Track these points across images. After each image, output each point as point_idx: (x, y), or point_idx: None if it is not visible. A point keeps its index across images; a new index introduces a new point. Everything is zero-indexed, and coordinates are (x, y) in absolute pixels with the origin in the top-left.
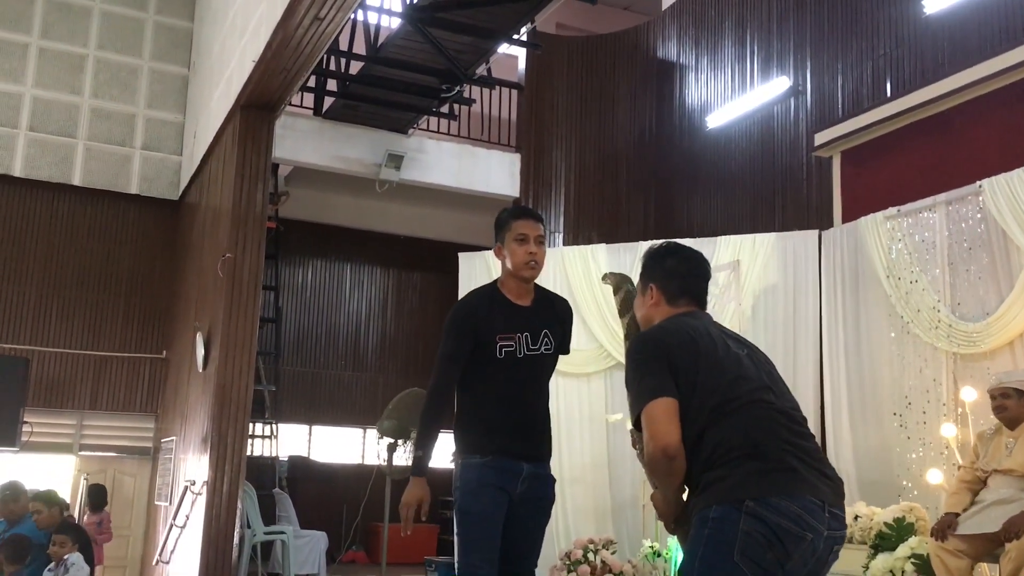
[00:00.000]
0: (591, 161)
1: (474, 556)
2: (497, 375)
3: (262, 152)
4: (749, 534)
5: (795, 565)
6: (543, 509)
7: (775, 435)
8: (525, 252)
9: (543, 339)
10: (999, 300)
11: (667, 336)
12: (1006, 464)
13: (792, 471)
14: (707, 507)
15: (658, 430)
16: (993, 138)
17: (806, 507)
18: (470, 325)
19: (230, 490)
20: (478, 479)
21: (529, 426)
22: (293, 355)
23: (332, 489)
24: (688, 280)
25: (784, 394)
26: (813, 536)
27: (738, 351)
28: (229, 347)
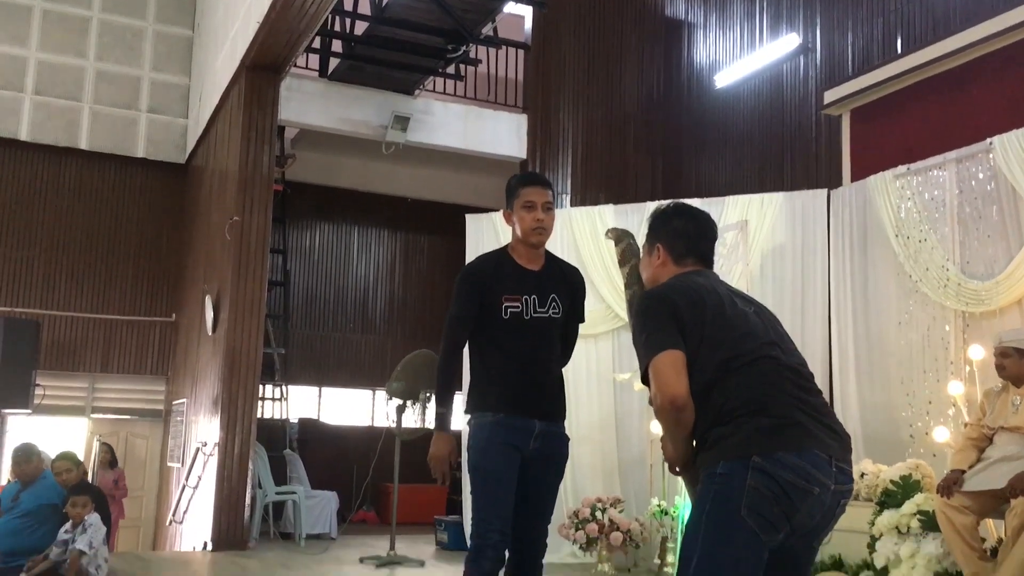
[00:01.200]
0: (598, 121)
1: (487, 512)
2: (504, 336)
3: (268, 114)
4: (756, 489)
5: (802, 519)
6: (556, 467)
7: (782, 391)
8: (533, 219)
9: (551, 303)
10: (1008, 258)
11: (673, 293)
12: (1012, 421)
13: (799, 426)
14: (714, 463)
15: (665, 381)
16: (1004, 95)
17: (813, 462)
18: (476, 286)
19: (241, 451)
20: (489, 437)
21: (539, 385)
22: (302, 318)
23: (342, 450)
24: (695, 240)
25: (791, 351)
26: (820, 490)
27: (745, 308)
28: (238, 310)
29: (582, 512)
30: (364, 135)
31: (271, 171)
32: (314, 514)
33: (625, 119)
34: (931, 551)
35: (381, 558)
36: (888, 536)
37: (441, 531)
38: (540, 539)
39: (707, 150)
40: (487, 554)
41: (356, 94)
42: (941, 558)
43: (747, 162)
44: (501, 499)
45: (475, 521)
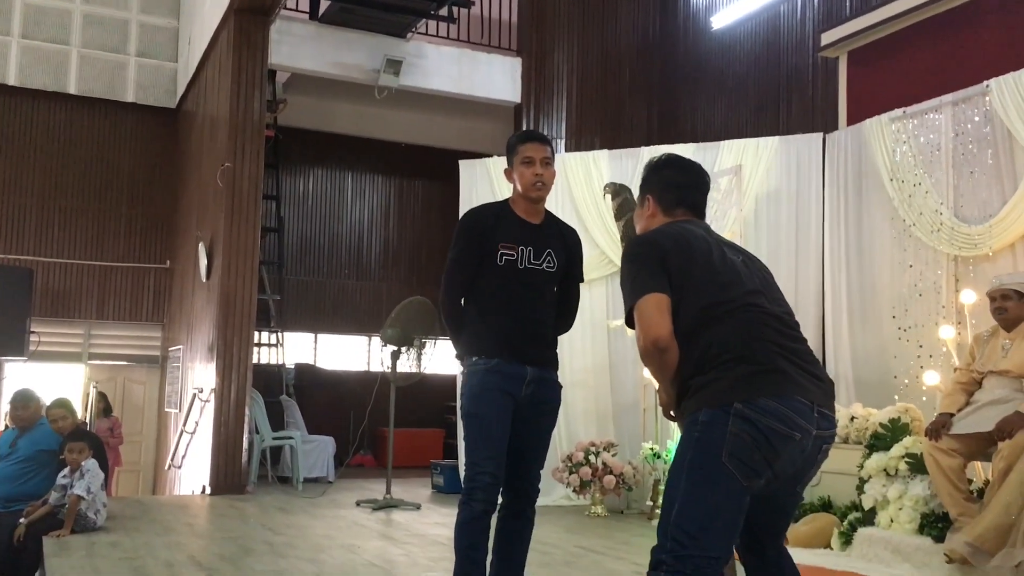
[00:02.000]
0: (593, 65)
1: (479, 455)
2: (498, 282)
3: (258, 58)
4: (737, 435)
5: (783, 464)
6: (548, 413)
7: (765, 338)
8: (532, 174)
9: (546, 256)
10: (1002, 202)
11: (662, 238)
12: (1002, 365)
13: (781, 373)
14: (697, 410)
15: (649, 323)
16: (1002, 37)
17: (795, 408)
18: (476, 231)
19: (237, 397)
20: (482, 383)
21: (531, 332)
22: (297, 264)
23: (339, 395)
24: (685, 191)
25: (777, 299)
26: (802, 436)
27: (733, 257)
28: (231, 256)
29: (576, 456)
30: (356, 79)
31: (262, 116)
32: (311, 459)
33: (620, 62)
34: (918, 493)
35: (377, 501)
36: (876, 478)
37: (437, 475)
38: (533, 484)
39: (703, 94)
40: (478, 496)
41: (348, 37)
42: (928, 500)
43: (743, 105)
44: (493, 443)
45: (468, 465)
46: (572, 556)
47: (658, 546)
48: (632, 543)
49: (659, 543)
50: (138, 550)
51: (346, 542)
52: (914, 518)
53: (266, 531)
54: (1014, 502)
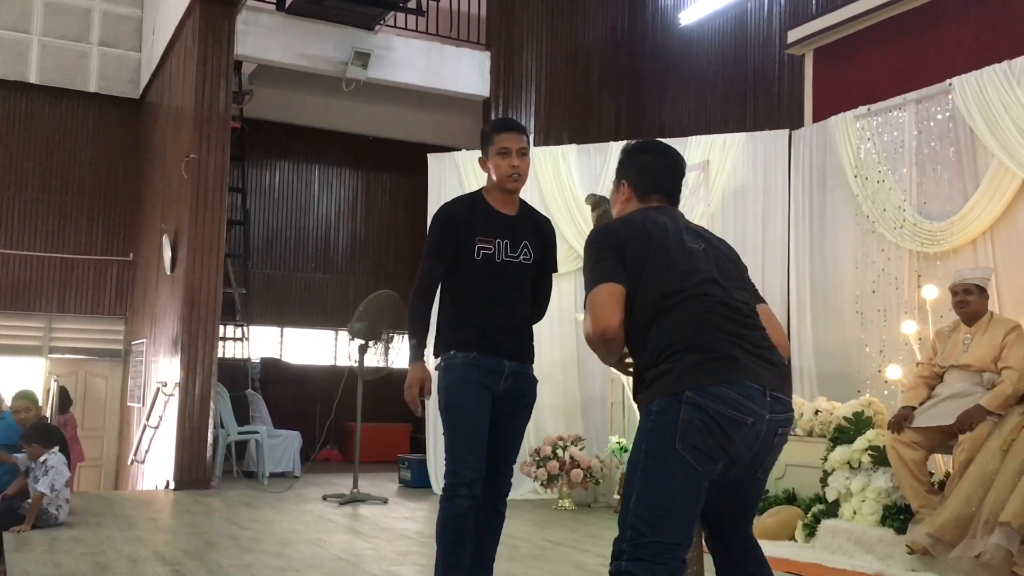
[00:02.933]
0: (562, 60)
1: (462, 450)
2: (475, 277)
3: (223, 49)
4: (689, 422)
5: (738, 448)
6: (524, 407)
7: (714, 326)
8: (508, 165)
9: (522, 248)
10: (964, 199)
11: (622, 226)
12: (963, 359)
13: (730, 359)
14: (650, 402)
15: (599, 313)
16: (965, 36)
17: (745, 393)
18: (452, 226)
19: (202, 391)
20: (461, 376)
21: (509, 326)
22: (262, 257)
23: (305, 390)
24: (660, 176)
25: (736, 286)
26: (754, 420)
27: (694, 245)
28: (196, 250)
29: (543, 450)
30: (324, 71)
31: (228, 108)
32: (277, 453)
33: (589, 58)
34: (881, 485)
35: (344, 496)
36: (840, 471)
37: (404, 469)
38: (506, 479)
39: (671, 89)
40: (461, 491)
41: (315, 29)
42: (890, 492)
43: (710, 102)
44: (475, 437)
45: (449, 460)
46: (539, 550)
47: (619, 536)
48: (600, 536)
49: (620, 533)
50: (100, 545)
51: (312, 536)
52: (877, 510)
53: (231, 526)
54: (974, 494)
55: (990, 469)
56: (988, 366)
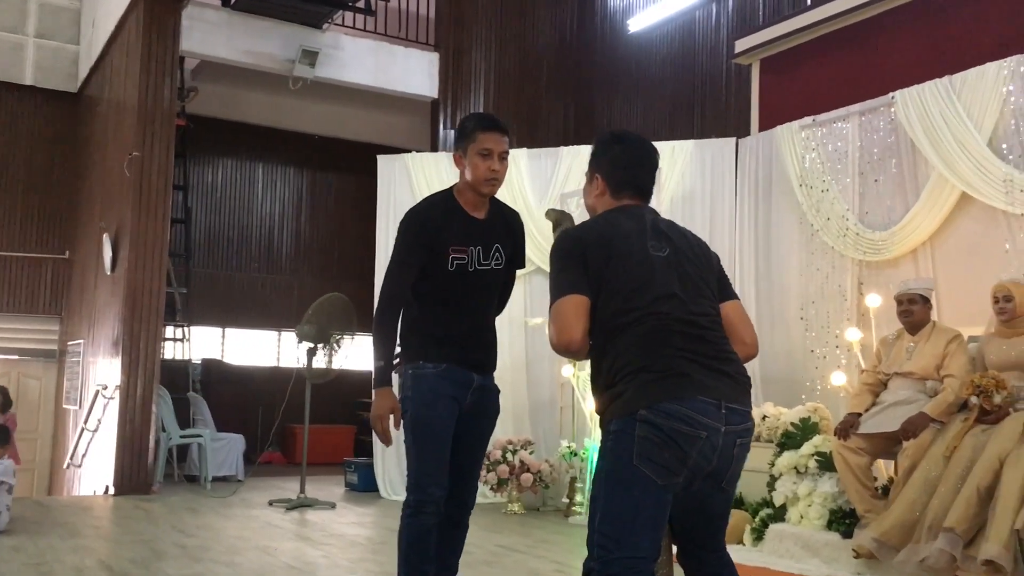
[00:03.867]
0: (511, 62)
1: (430, 465)
2: (447, 286)
3: (169, 45)
4: (645, 438)
5: (697, 461)
6: (489, 420)
7: (666, 344)
8: (487, 168)
9: (494, 253)
10: (905, 210)
11: (586, 234)
12: (907, 367)
13: (682, 376)
14: (608, 423)
15: (562, 325)
16: (907, 50)
17: (697, 408)
18: (424, 233)
19: (144, 394)
20: (432, 389)
21: (479, 337)
22: (204, 257)
23: (247, 391)
24: (633, 171)
25: (694, 296)
26: (708, 433)
27: (657, 253)
28: (139, 249)
29: (493, 454)
30: (270, 68)
31: (173, 105)
32: (220, 456)
33: (538, 61)
34: (827, 490)
35: (291, 501)
36: (787, 476)
37: (351, 473)
38: (471, 492)
39: (619, 95)
40: (428, 509)
41: (262, 26)
42: (836, 496)
43: (658, 108)
44: (442, 453)
45: (416, 475)
46: (493, 556)
47: (588, 556)
48: (551, 541)
49: (588, 553)
50: (43, 555)
51: (261, 544)
52: (823, 514)
53: (177, 533)
54: (918, 500)
55: (933, 475)
56: (931, 374)
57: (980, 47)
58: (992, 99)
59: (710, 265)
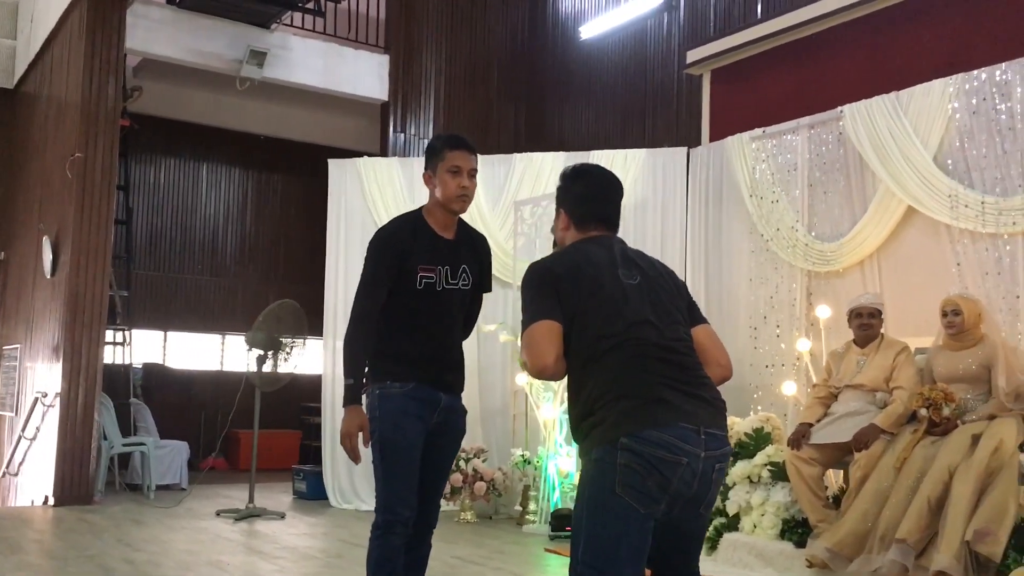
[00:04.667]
0: (462, 66)
1: (399, 486)
2: (415, 306)
3: (114, 43)
4: (626, 466)
5: (678, 487)
6: (455, 441)
7: (644, 371)
8: (457, 185)
9: (461, 274)
10: (853, 222)
11: (555, 265)
12: (857, 380)
13: (661, 402)
14: (589, 451)
15: (535, 351)
16: (856, 65)
17: (678, 434)
18: (394, 251)
19: (86, 401)
20: (401, 409)
21: (446, 357)
22: (146, 258)
23: (190, 396)
24: (596, 204)
25: (668, 322)
26: (689, 459)
27: (629, 281)
28: (81, 253)
29: None
30: (217, 68)
31: (117, 105)
32: (163, 464)
33: (488, 65)
34: (780, 499)
35: (240, 511)
36: (740, 485)
37: (299, 480)
38: (435, 512)
39: (571, 101)
40: (397, 530)
41: (208, 24)
42: (789, 506)
43: (610, 116)
44: (411, 474)
45: (384, 496)
46: (450, 567)
47: None
48: (505, 552)
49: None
50: None
51: (212, 558)
52: (776, 524)
53: (124, 547)
54: (870, 510)
55: (885, 486)
56: (880, 386)
57: (926, 65)
58: (938, 116)
59: (679, 291)
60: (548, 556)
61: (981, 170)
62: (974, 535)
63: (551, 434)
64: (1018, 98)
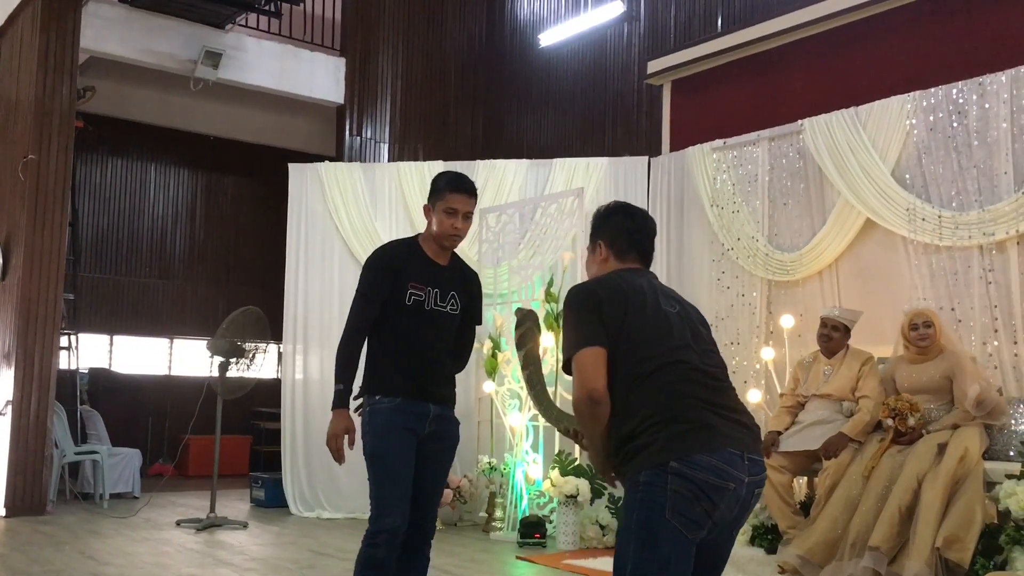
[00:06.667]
0: (418, 71)
1: (387, 496)
2: (404, 321)
3: (68, 42)
4: (677, 492)
5: (722, 513)
6: (448, 450)
7: (692, 395)
8: (451, 225)
9: (450, 299)
10: (812, 233)
11: (599, 287)
12: (824, 389)
13: (710, 428)
14: (637, 473)
15: (585, 376)
16: (815, 80)
17: (726, 459)
18: (388, 269)
19: (39, 409)
20: (388, 422)
21: (434, 372)
22: (92, 261)
23: (136, 402)
24: (635, 236)
25: (707, 350)
26: (736, 485)
27: (668, 308)
28: (34, 257)
29: None
30: (171, 69)
31: (72, 105)
32: (116, 472)
33: (445, 70)
34: None
35: (201, 520)
36: None
37: (257, 488)
38: (432, 521)
39: (530, 109)
40: (383, 539)
41: (161, 24)
42: (758, 512)
43: (569, 124)
44: (400, 484)
45: (374, 505)
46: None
47: None
48: (479, 560)
49: None
50: None
51: (184, 571)
52: (746, 530)
53: (88, 560)
54: (840, 517)
55: (854, 494)
56: (847, 395)
57: (884, 82)
58: (896, 131)
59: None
60: (520, 564)
61: (938, 185)
62: (943, 541)
63: (519, 441)
64: (974, 116)
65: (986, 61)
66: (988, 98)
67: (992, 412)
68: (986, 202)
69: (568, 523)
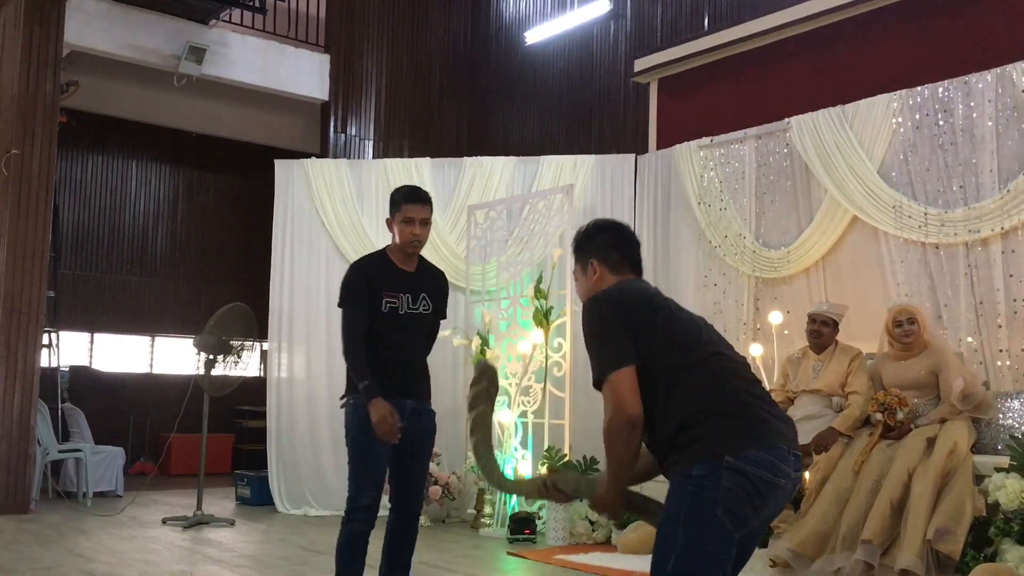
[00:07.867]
0: (403, 67)
1: (362, 478)
2: (381, 327)
3: (52, 36)
4: (731, 490)
5: (769, 510)
6: (427, 438)
7: (740, 389)
8: (410, 232)
9: (421, 300)
10: (799, 230)
11: (623, 295)
12: (814, 385)
13: (763, 422)
14: (688, 465)
15: (624, 402)
16: (802, 78)
17: (778, 455)
18: (367, 277)
19: (23, 407)
20: (366, 417)
21: (411, 371)
22: (72, 257)
23: (118, 400)
24: (626, 250)
25: (731, 349)
26: (785, 481)
27: (689, 312)
28: (18, 254)
29: None
30: (154, 64)
31: (56, 100)
32: (99, 471)
33: (430, 67)
34: None
35: (187, 518)
36: None
37: (243, 486)
38: (416, 499)
39: (515, 106)
40: (358, 516)
41: (144, 19)
42: None
43: (555, 121)
44: (375, 469)
45: (351, 487)
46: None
47: None
48: (469, 556)
49: None
50: None
51: (174, 568)
52: None
53: (77, 558)
54: (830, 511)
55: (844, 488)
56: (836, 391)
57: (870, 80)
58: (882, 129)
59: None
60: (511, 559)
61: (924, 183)
62: (935, 534)
63: (508, 438)
64: (960, 115)
65: (972, 60)
66: (974, 97)
67: (979, 406)
68: (971, 200)
69: (558, 519)
